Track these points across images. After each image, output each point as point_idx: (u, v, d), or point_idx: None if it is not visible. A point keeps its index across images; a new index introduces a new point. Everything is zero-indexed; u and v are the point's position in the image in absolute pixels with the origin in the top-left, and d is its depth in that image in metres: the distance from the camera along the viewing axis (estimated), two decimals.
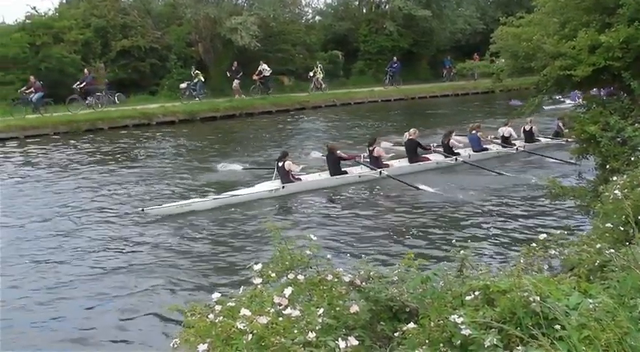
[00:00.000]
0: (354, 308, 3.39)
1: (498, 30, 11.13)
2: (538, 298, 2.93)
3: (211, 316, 3.35)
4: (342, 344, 2.95)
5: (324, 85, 34.97)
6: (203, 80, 30.99)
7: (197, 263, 10.16)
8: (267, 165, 17.24)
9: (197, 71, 30.77)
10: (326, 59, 39.07)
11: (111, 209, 13.72)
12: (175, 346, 3.37)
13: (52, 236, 11.62)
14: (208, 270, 9.86)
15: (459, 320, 2.95)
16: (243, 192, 14.50)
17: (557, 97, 16.11)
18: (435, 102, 35.60)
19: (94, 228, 12.25)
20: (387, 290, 3.59)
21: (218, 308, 3.43)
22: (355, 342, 2.99)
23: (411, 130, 17.65)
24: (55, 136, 24.14)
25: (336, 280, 3.70)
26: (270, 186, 14.94)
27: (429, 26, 40.68)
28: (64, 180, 16.75)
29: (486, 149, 18.66)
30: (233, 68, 32.26)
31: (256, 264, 3.79)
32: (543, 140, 20.02)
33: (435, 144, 18.18)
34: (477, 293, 3.33)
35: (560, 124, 19.26)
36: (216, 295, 3.57)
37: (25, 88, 26.89)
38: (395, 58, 38.06)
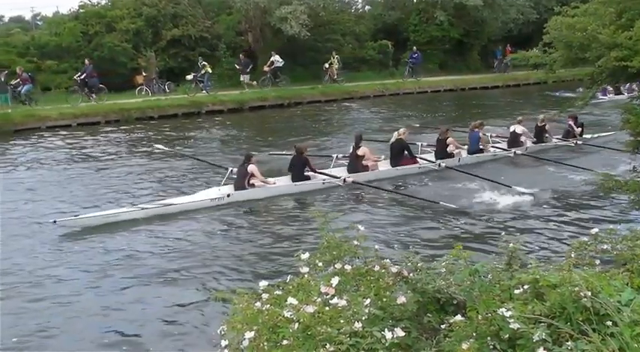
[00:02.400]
0: (401, 300, 3.38)
1: (552, 20, 10.93)
2: (589, 293, 2.89)
3: (258, 304, 3.38)
4: (388, 334, 2.95)
5: (339, 77, 33.90)
6: (210, 72, 30.34)
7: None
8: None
9: (204, 63, 30.11)
10: (375, 49, 38.90)
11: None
12: (222, 333, 3.40)
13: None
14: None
15: (508, 314, 2.92)
16: (180, 201, 12.77)
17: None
18: (485, 93, 35.17)
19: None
20: (435, 282, 3.56)
21: (265, 296, 3.45)
22: (401, 333, 2.98)
23: (401, 129, 15.94)
24: (106, 124, 24.54)
25: (383, 271, 3.69)
26: (214, 193, 13.21)
27: (480, 16, 40.11)
28: (110, 168, 17.01)
29: (482, 151, 16.87)
30: (242, 61, 31.72)
31: (304, 252, 3.80)
32: (553, 140, 18.65)
33: (425, 144, 16.71)
34: (526, 286, 3.29)
35: (572, 123, 18.44)
36: (263, 283, 3.59)
37: (79, 74, 27.25)
38: (415, 49, 37.32)
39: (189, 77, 29.65)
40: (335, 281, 3.42)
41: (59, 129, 23.28)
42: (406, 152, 15.57)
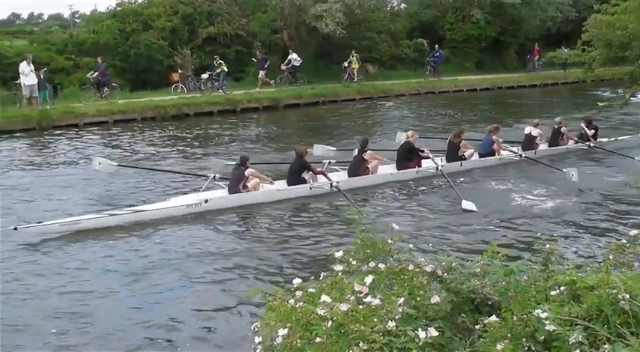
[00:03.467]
0: (435, 299, 3.37)
1: (591, 18, 10.83)
2: (627, 296, 2.85)
3: (292, 301, 3.39)
4: (421, 334, 2.94)
5: (358, 77, 33.38)
6: (226, 70, 29.99)
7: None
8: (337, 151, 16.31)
9: (220, 61, 29.81)
10: (411, 47, 38.76)
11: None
12: (256, 329, 3.42)
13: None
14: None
15: (543, 315, 2.89)
16: (152, 207, 12.04)
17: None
18: (522, 92, 34.81)
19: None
20: (469, 282, 3.54)
21: (299, 293, 3.46)
22: (435, 333, 2.97)
23: (409, 132, 15.56)
24: (143, 121, 24.78)
25: (417, 270, 3.68)
26: (190, 199, 12.48)
27: (517, 14, 39.70)
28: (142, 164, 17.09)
29: (493, 153, 16.36)
30: (258, 58, 31.47)
31: (337, 251, 3.81)
32: (570, 143, 18.07)
33: (428, 149, 15.62)
34: (562, 288, 3.25)
35: (584, 126, 18.00)
36: (297, 280, 3.60)
37: (92, 72, 27.24)
38: (437, 47, 36.85)
39: (204, 76, 29.52)
40: (369, 279, 3.42)
41: (96, 125, 23.54)
42: (414, 154, 15.06)
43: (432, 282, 3.64)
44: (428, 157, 15.11)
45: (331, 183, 13.29)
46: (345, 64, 33.04)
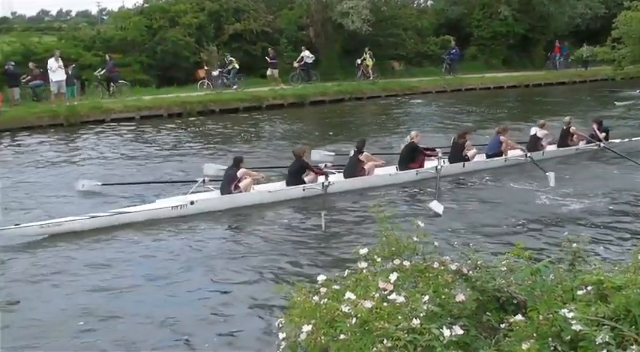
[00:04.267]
0: (460, 297, 3.35)
1: (622, 14, 10.68)
2: None
3: (316, 298, 3.40)
4: (446, 332, 2.93)
5: (373, 74, 32.95)
6: (237, 67, 29.73)
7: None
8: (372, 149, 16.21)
9: (231, 58, 29.76)
10: (438, 44, 38.58)
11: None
12: (280, 325, 3.43)
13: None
14: None
15: (570, 315, 2.87)
16: (135, 210, 11.71)
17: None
18: (549, 90, 34.48)
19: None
20: (495, 281, 3.52)
21: (323, 290, 3.47)
22: (460, 331, 2.96)
23: (413, 133, 15.11)
24: (169, 117, 24.95)
25: (442, 268, 3.67)
26: (176, 201, 12.12)
27: (546, 10, 39.25)
28: (167, 161, 17.27)
29: (500, 154, 15.86)
30: (270, 56, 31.21)
31: (362, 247, 3.80)
32: (580, 144, 17.48)
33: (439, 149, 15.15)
34: (589, 288, 3.23)
35: (595, 127, 17.52)
36: (321, 277, 3.61)
37: (99, 69, 27.33)
38: (453, 44, 36.47)
39: (214, 73, 29.40)
40: (393, 277, 3.41)
41: (123, 121, 23.74)
42: (417, 154, 14.71)
43: (457, 280, 3.62)
44: (436, 155, 14.65)
45: (323, 184, 12.86)
46: (359, 61, 32.86)
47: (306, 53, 31.25)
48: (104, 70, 27.12)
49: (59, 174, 15.66)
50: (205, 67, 30.70)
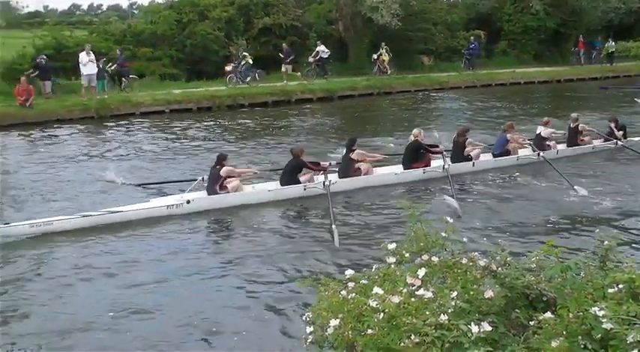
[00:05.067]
0: (489, 294, 3.33)
1: None
2: None
3: (344, 292, 3.40)
4: (474, 328, 2.91)
5: (390, 70, 32.54)
6: (251, 62, 29.44)
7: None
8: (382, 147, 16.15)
9: (245, 53, 29.52)
10: (468, 39, 38.29)
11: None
12: (308, 319, 3.43)
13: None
14: None
15: (600, 314, 2.84)
16: (129, 209, 11.38)
17: None
18: (581, 85, 34.01)
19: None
20: (524, 277, 3.50)
21: (351, 285, 3.47)
22: (488, 328, 2.94)
23: (415, 131, 14.48)
24: (198, 111, 25.10)
25: (470, 264, 3.65)
26: (171, 200, 11.87)
27: (578, 4, 38.74)
28: (193, 155, 17.32)
29: (508, 153, 15.37)
30: (284, 50, 31.00)
31: (390, 243, 3.79)
32: (595, 142, 16.96)
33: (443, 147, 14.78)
34: (620, 286, 3.19)
35: (612, 126, 16.91)
36: (349, 272, 3.60)
37: (110, 64, 26.98)
38: (472, 39, 35.91)
39: (228, 68, 29.07)
40: (421, 272, 3.40)
41: (153, 115, 23.93)
42: (420, 153, 14.24)
43: (485, 277, 3.60)
44: (440, 152, 14.29)
45: (324, 183, 12.41)
46: (375, 57, 32.63)
47: (321, 48, 30.99)
48: (115, 65, 27.05)
49: (87, 167, 15.80)
50: (234, 61, 30.80)
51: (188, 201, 11.71)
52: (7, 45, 31.30)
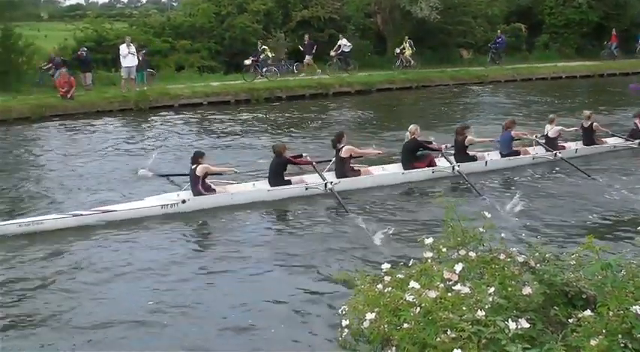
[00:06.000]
0: (527, 290, 3.30)
1: None
2: None
3: (380, 286, 3.39)
4: (512, 325, 2.89)
5: (412, 62, 32.02)
6: (270, 56, 29.08)
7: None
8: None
9: (264, 46, 29.18)
10: (508, 32, 37.86)
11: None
12: (344, 313, 3.43)
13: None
14: None
15: None
16: (121, 208, 11.02)
17: None
18: (624, 80, 33.26)
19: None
20: (563, 275, 3.46)
21: (387, 279, 3.46)
22: (526, 325, 2.92)
23: (411, 127, 13.56)
24: (236, 104, 25.21)
25: (509, 260, 3.61)
26: (166, 199, 11.43)
27: None
28: (231, 147, 17.38)
29: (517, 153, 14.70)
30: (305, 42, 30.86)
31: (427, 237, 3.77)
32: (611, 141, 16.18)
33: (449, 145, 14.18)
34: None
35: (638, 123, 16.13)
36: (385, 266, 3.59)
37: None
38: (499, 32, 35.12)
39: (247, 61, 28.62)
40: (459, 267, 3.38)
41: (191, 107, 24.09)
42: (419, 153, 13.60)
43: (523, 273, 3.56)
44: (440, 150, 13.69)
45: (325, 184, 12.01)
46: (397, 51, 32.22)
47: (343, 41, 30.67)
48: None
49: (125, 158, 15.99)
50: (272, 54, 30.88)
51: (184, 201, 11.32)
52: (50, 37, 31.88)
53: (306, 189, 12.23)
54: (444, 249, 3.78)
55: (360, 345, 3.29)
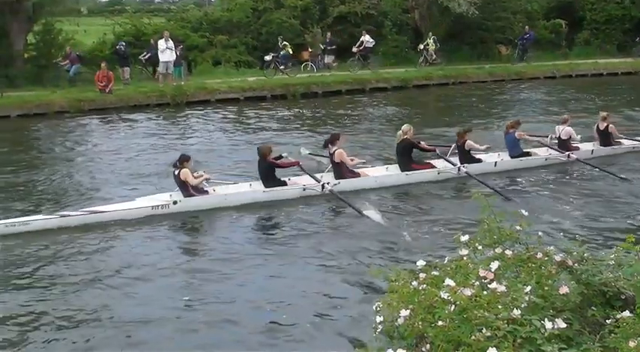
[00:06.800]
0: (564, 290, 3.25)
1: None
2: None
3: (415, 283, 3.37)
4: (548, 324, 2.86)
5: (437, 59, 31.43)
6: (291, 52, 28.87)
7: None
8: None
9: (285, 43, 28.94)
10: (548, 28, 37.36)
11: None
12: (378, 309, 3.42)
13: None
14: None
15: None
16: (110, 209, 10.79)
17: None
18: None
19: None
20: (602, 274, 3.40)
21: (422, 276, 3.44)
22: (562, 325, 2.88)
23: (405, 127, 13.16)
24: (273, 99, 25.30)
25: (546, 259, 3.57)
26: (158, 200, 11.13)
27: None
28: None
29: (528, 154, 14.21)
30: (327, 40, 30.72)
31: (463, 235, 3.74)
32: (627, 143, 15.39)
33: (450, 148, 13.80)
34: None
35: None
36: (420, 262, 3.57)
37: (144, 53, 27.07)
38: (527, 28, 34.09)
39: (267, 58, 28.23)
40: (494, 265, 3.35)
41: (227, 102, 24.23)
42: (417, 151, 13.21)
43: (561, 272, 3.51)
44: (433, 150, 13.39)
45: (323, 185, 11.74)
46: (421, 47, 31.81)
47: (366, 37, 30.22)
48: (148, 54, 26.96)
49: (161, 152, 16.16)
50: (309, 49, 30.88)
51: (175, 202, 11.03)
52: (89, 32, 32.30)
53: (304, 190, 11.89)
54: (480, 247, 3.74)
55: (394, 342, 3.28)
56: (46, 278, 8.57)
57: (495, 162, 13.81)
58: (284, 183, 12.00)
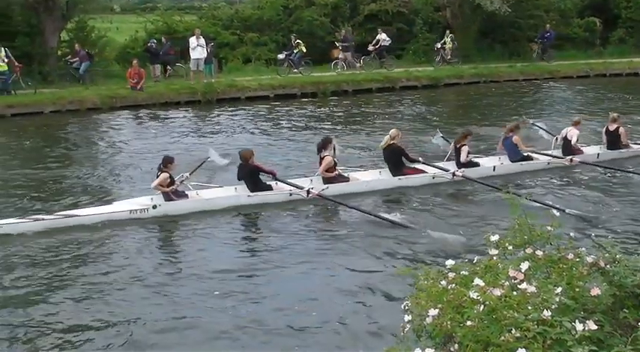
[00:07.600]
0: (595, 291, 3.21)
1: None
2: None
3: (444, 282, 3.36)
4: (579, 326, 2.82)
5: (454, 58, 31.06)
6: (304, 51, 28.40)
7: None
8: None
9: (298, 41, 28.52)
10: (582, 26, 36.89)
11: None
12: (406, 308, 3.41)
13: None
14: None
15: None
16: (86, 213, 10.49)
17: None
18: None
19: None
20: (635, 276, 3.35)
21: (451, 275, 3.42)
22: (594, 327, 2.84)
23: (393, 132, 12.89)
24: (303, 97, 25.35)
25: (577, 260, 3.53)
26: (136, 204, 10.78)
27: None
28: (293, 141, 17.54)
29: (529, 158, 13.80)
30: (342, 37, 30.49)
31: (493, 234, 3.72)
32: (636, 147, 14.96)
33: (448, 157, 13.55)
34: None
35: None
36: (450, 262, 3.56)
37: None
38: (548, 27, 33.51)
39: (280, 56, 28.11)
40: (525, 266, 3.32)
41: (258, 99, 24.32)
42: (404, 159, 12.88)
43: (592, 274, 3.47)
44: (417, 161, 13.03)
45: (308, 191, 11.44)
46: (438, 45, 31.42)
47: (382, 36, 30.15)
48: (161, 53, 26.89)
49: (192, 149, 16.24)
50: (339, 47, 30.86)
51: (154, 206, 10.69)
52: (121, 29, 32.63)
53: (290, 195, 11.59)
54: (510, 247, 3.71)
55: (422, 341, 3.27)
56: (9, 283, 8.33)
57: (494, 167, 13.46)
58: (269, 188, 11.75)
